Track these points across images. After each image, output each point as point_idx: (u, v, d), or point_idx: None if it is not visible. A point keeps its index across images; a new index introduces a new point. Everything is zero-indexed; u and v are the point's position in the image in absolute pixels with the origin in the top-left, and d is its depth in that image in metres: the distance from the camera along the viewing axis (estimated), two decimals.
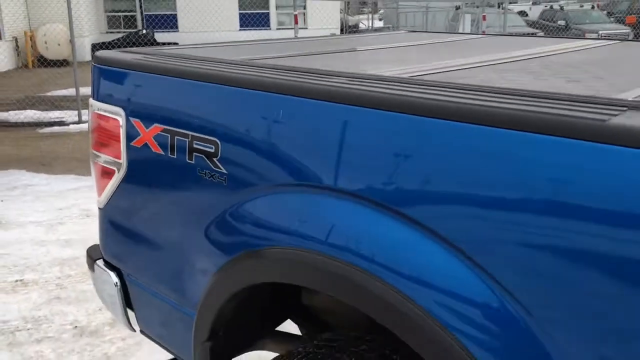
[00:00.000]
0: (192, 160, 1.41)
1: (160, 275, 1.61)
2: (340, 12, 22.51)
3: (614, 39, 2.60)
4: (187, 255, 1.49)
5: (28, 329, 2.79)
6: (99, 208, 1.78)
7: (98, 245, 1.87)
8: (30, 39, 16.52)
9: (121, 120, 1.58)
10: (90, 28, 19.42)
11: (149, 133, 1.51)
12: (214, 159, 1.35)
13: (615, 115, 0.87)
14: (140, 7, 21.32)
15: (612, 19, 19.04)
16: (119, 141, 1.60)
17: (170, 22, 20.98)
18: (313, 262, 1.18)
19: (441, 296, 1.02)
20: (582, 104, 0.94)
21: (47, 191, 4.98)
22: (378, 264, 1.09)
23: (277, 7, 21.39)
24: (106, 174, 1.68)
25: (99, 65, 1.67)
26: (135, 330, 1.84)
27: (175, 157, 1.45)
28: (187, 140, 1.41)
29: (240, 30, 21.11)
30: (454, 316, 1.01)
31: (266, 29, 21.29)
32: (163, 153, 1.48)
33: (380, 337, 1.33)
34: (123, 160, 1.60)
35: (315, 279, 1.21)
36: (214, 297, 1.40)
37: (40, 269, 3.44)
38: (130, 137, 1.56)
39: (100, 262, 1.84)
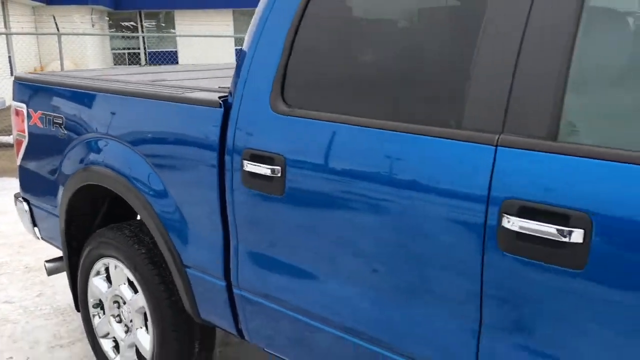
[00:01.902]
0: (53, 128, 2.66)
1: (45, 196, 2.84)
2: None
3: None
4: (56, 179, 2.71)
5: None
6: (18, 165, 3.03)
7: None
8: None
9: (24, 111, 2.84)
10: (96, 64, 21.06)
11: (36, 116, 2.77)
12: (62, 127, 2.60)
13: (189, 93, 2.11)
14: (144, 45, 23.06)
15: None
16: (24, 122, 2.86)
17: (171, 58, 22.59)
18: (104, 172, 2.40)
19: (139, 180, 2.24)
20: (181, 88, 2.18)
21: None
22: (121, 172, 2.31)
23: None
24: (20, 143, 2.94)
25: (16, 81, 2.94)
26: (39, 239, 3.06)
27: (47, 127, 2.70)
28: (52, 118, 2.66)
29: None
30: (139, 182, 2.22)
31: None
32: (42, 126, 2.73)
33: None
34: (26, 133, 2.86)
35: (104, 181, 2.42)
36: (64, 198, 2.62)
37: (10, 237, 4.68)
38: (29, 119, 2.82)
39: (19, 198, 3.08)
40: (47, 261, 3.04)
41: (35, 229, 3.04)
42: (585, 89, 1.29)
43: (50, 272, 3.03)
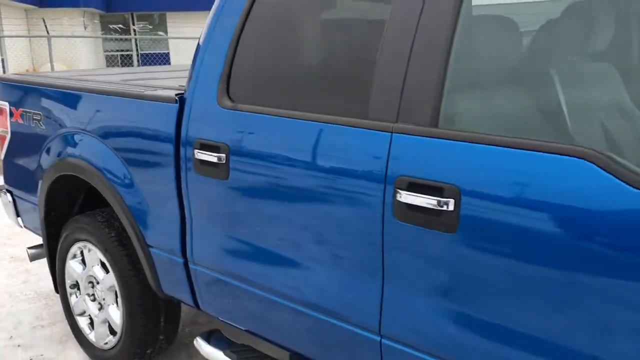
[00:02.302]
0: (33, 124, 2.91)
1: (27, 187, 3.08)
2: None
3: None
4: (37, 170, 2.95)
5: None
6: (1, 159, 3.27)
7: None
8: None
9: (7, 108, 3.09)
10: (89, 66, 21.24)
11: (17, 113, 3.02)
12: (40, 122, 2.85)
13: (150, 91, 2.36)
14: (136, 47, 23.27)
15: None
16: (6, 119, 3.10)
17: (163, 60, 22.76)
18: (78, 164, 2.65)
19: (109, 171, 2.49)
20: (147, 87, 2.44)
21: None
22: (93, 163, 2.56)
23: None
24: (3, 139, 3.19)
25: (4, 81, 3.19)
26: (22, 227, 3.31)
27: (27, 123, 2.95)
28: (31, 115, 2.91)
29: None
30: (109, 173, 2.47)
31: None
32: (23, 122, 2.98)
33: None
34: (8, 129, 3.11)
35: (78, 171, 2.66)
36: (43, 188, 2.86)
37: None
38: (10, 116, 3.07)
39: (3, 190, 3.32)
40: (29, 248, 3.29)
41: (19, 219, 3.28)
42: (458, 87, 1.55)
43: (32, 258, 3.28)
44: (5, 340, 3.13)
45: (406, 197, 1.54)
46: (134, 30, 23.13)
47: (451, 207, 1.46)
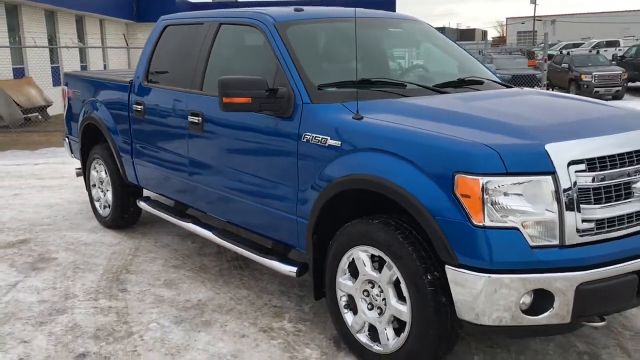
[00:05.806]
0: (78, 98, 5.44)
1: (74, 133, 5.61)
2: None
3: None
4: (78, 122, 5.46)
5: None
6: (64, 118, 5.85)
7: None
8: None
9: (67, 89, 5.67)
10: None
11: (71, 92, 5.58)
12: (80, 97, 5.38)
13: (122, 78, 4.79)
14: None
15: (614, 62, 21.54)
16: (66, 96, 5.68)
17: None
18: (94, 117, 5.12)
19: (107, 121, 4.94)
20: (127, 77, 4.88)
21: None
22: (100, 117, 5.03)
23: None
24: (66, 107, 5.76)
25: (64, 75, 5.76)
26: (72, 157, 5.87)
27: (75, 98, 5.50)
28: (78, 92, 5.46)
29: None
30: (107, 122, 4.93)
31: None
32: (73, 97, 5.54)
33: None
34: (66, 101, 5.68)
35: (94, 121, 5.14)
36: (79, 131, 5.37)
37: (71, 173, 7.60)
38: (68, 94, 5.64)
39: (64, 136, 5.90)
40: (77, 168, 5.84)
41: (72, 154, 5.85)
42: (211, 72, 3.83)
43: (77, 175, 5.82)
44: (60, 217, 5.70)
45: (190, 119, 3.86)
46: None
47: (200, 122, 3.76)
